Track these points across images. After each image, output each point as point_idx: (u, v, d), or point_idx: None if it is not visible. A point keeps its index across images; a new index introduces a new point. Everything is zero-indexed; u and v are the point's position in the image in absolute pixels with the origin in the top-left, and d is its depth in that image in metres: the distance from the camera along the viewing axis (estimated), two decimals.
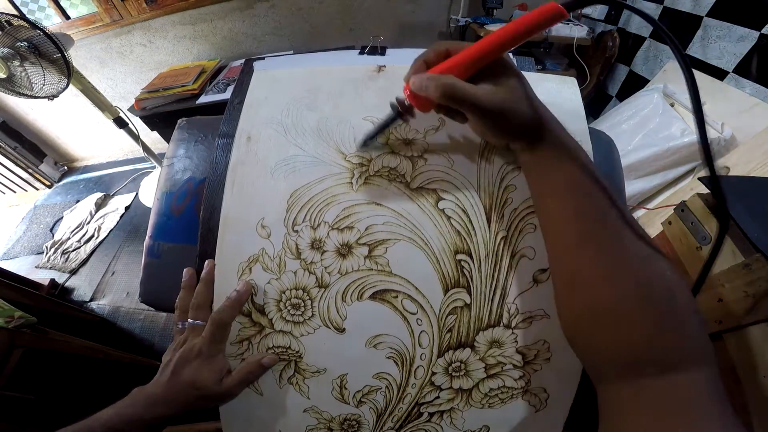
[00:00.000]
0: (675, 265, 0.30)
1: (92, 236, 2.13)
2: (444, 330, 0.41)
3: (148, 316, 1.69)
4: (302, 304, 0.42)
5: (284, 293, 0.43)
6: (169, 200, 0.55)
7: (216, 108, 1.74)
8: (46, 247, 2.10)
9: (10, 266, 1.89)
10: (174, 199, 0.55)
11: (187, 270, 0.46)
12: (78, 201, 2.44)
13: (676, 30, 1.60)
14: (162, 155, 0.58)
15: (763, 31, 1.25)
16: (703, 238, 0.65)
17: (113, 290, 1.85)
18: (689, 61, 0.28)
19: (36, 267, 2.03)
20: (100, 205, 2.36)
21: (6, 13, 1.36)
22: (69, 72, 1.48)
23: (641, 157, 1.35)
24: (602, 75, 2.03)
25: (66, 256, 2.04)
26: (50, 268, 2.00)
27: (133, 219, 2.24)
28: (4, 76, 1.39)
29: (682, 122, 1.35)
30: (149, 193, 2.32)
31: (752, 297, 0.55)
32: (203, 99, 1.84)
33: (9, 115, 2.50)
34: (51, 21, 2.04)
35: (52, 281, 1.88)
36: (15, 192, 2.71)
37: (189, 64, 2.15)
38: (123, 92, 2.37)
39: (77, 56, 2.01)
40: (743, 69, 1.33)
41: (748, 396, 0.57)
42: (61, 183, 2.78)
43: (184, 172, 0.56)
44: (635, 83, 1.88)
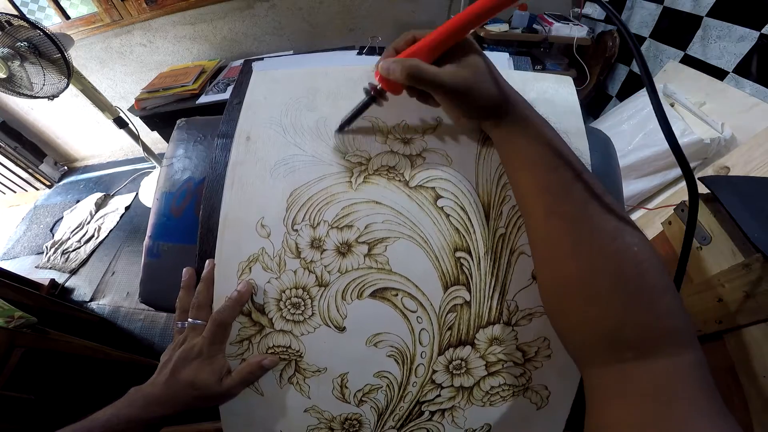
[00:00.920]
0: (647, 240, 0.29)
1: (92, 236, 2.13)
2: (444, 328, 0.41)
3: (148, 316, 1.69)
4: (302, 303, 0.42)
5: (284, 292, 0.43)
6: (168, 200, 0.55)
7: (216, 108, 1.74)
8: (46, 247, 2.10)
9: (10, 266, 1.89)
10: (173, 200, 0.55)
11: (187, 270, 0.46)
12: (78, 201, 2.44)
13: (676, 30, 1.60)
14: (162, 155, 0.58)
15: (763, 31, 1.25)
16: (703, 238, 0.65)
17: (113, 290, 1.85)
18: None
19: (36, 267, 2.03)
20: (100, 205, 2.37)
21: (6, 13, 1.36)
22: (69, 72, 1.48)
23: (641, 157, 1.36)
24: (602, 75, 2.03)
25: (66, 256, 2.04)
26: (50, 268, 2.00)
27: (133, 219, 2.24)
28: (4, 76, 1.39)
29: (682, 122, 1.36)
30: (149, 193, 2.32)
31: (752, 297, 0.55)
32: (203, 99, 1.85)
33: (9, 115, 2.50)
34: (51, 21, 2.04)
35: (52, 281, 1.88)
36: (15, 192, 2.71)
37: (189, 64, 2.15)
38: (123, 92, 2.37)
39: (77, 56, 2.01)
40: (743, 69, 1.34)
41: (748, 396, 0.57)
42: (61, 183, 2.78)
43: (183, 172, 0.56)
44: (635, 83, 1.89)
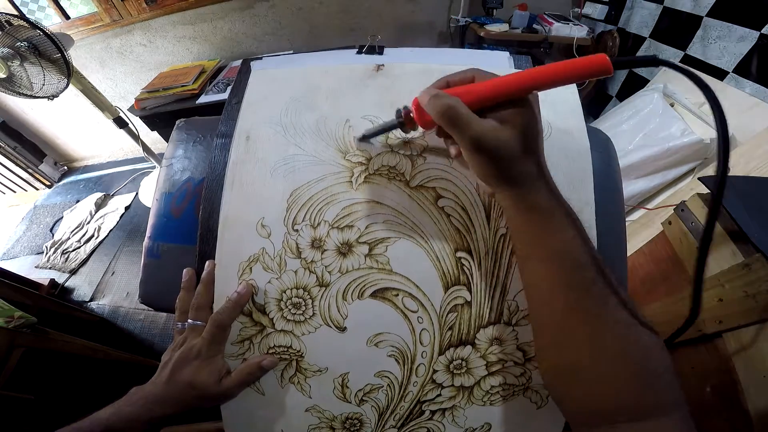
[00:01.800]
0: (654, 329, 0.31)
1: (92, 236, 2.13)
2: (445, 328, 0.41)
3: (148, 316, 1.69)
4: (303, 303, 0.43)
5: (285, 292, 0.43)
6: (168, 201, 0.55)
7: (216, 108, 1.74)
8: (46, 247, 2.10)
9: (10, 266, 1.89)
10: (173, 200, 0.55)
11: (187, 270, 0.46)
12: (78, 201, 2.44)
13: (676, 30, 1.60)
14: (162, 155, 0.58)
15: (763, 31, 1.25)
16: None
17: (113, 290, 1.85)
18: (682, 64, 0.28)
19: (36, 267, 2.03)
20: (100, 205, 2.36)
21: (6, 13, 1.36)
22: (69, 72, 1.48)
23: (641, 157, 1.36)
24: None
25: (66, 256, 2.04)
26: (50, 268, 2.00)
27: (133, 219, 2.24)
28: (4, 76, 1.39)
29: (682, 122, 1.36)
30: (149, 193, 2.32)
31: (752, 297, 0.55)
32: (203, 99, 1.84)
33: (9, 115, 2.50)
34: (51, 21, 2.04)
35: (52, 281, 1.88)
36: (15, 192, 2.71)
37: (189, 64, 2.15)
38: (123, 92, 2.37)
39: (77, 56, 2.00)
40: (743, 69, 1.34)
41: (748, 396, 0.57)
42: (61, 183, 2.78)
43: (183, 172, 0.56)
44: (635, 83, 1.89)
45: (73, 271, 1.97)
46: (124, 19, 2.01)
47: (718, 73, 1.42)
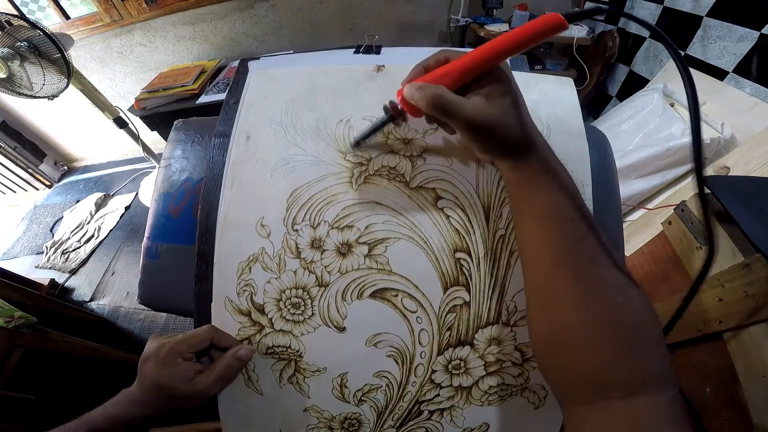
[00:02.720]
0: (645, 294, 0.31)
1: (92, 236, 2.13)
2: (444, 328, 0.41)
3: (148, 316, 1.69)
4: (302, 303, 0.43)
5: (284, 292, 0.43)
6: (166, 201, 0.55)
7: (216, 108, 1.73)
8: (46, 247, 2.10)
9: (10, 266, 1.89)
10: (172, 200, 0.55)
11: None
12: (78, 201, 2.44)
13: (676, 30, 1.60)
14: (162, 155, 0.58)
15: (763, 31, 1.25)
16: (703, 238, 0.65)
17: (113, 290, 1.85)
18: (686, 63, 0.28)
19: (36, 267, 2.03)
20: (100, 205, 2.37)
21: (6, 13, 1.36)
22: (69, 72, 1.48)
23: (641, 157, 1.35)
24: (602, 75, 2.03)
25: (66, 256, 2.04)
26: (50, 268, 2.00)
27: (133, 219, 2.24)
28: (4, 76, 1.39)
29: (682, 122, 1.36)
30: (149, 192, 2.32)
31: (752, 297, 0.55)
32: (203, 99, 1.85)
33: (9, 115, 2.50)
34: (51, 21, 2.04)
35: (52, 281, 1.88)
36: (15, 192, 2.71)
37: (189, 64, 2.15)
38: (123, 92, 2.37)
39: (77, 56, 2.01)
40: (743, 69, 1.34)
41: (748, 396, 0.57)
42: (61, 183, 2.78)
43: (181, 172, 0.56)
44: (635, 83, 1.89)
45: (73, 271, 1.97)
46: (124, 19, 2.01)
47: (718, 73, 1.42)
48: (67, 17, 2.04)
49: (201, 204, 0.47)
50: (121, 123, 1.86)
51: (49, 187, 2.76)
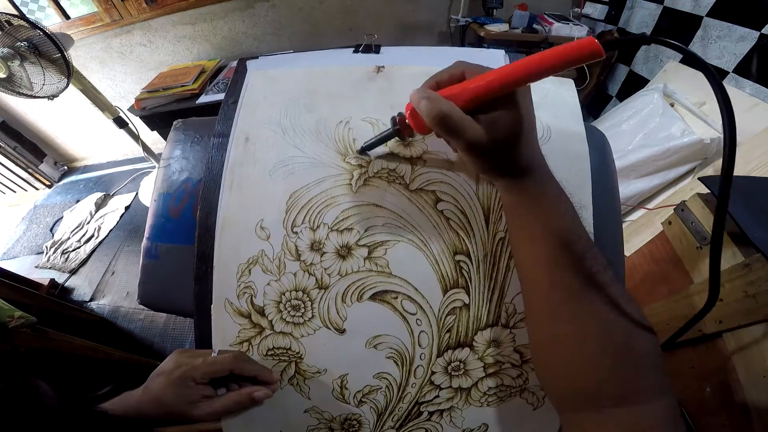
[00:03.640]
0: (640, 310, 0.31)
1: (92, 236, 2.13)
2: (443, 330, 0.41)
3: (147, 316, 1.69)
4: (302, 306, 0.43)
5: (284, 295, 0.43)
6: (166, 201, 0.55)
7: (216, 108, 1.71)
8: (46, 247, 2.10)
9: (10, 266, 1.89)
10: (171, 200, 0.55)
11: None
12: (78, 201, 2.43)
13: (676, 30, 1.60)
14: (161, 155, 0.58)
15: (763, 31, 1.25)
16: (703, 238, 0.65)
17: (113, 290, 1.85)
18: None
19: (36, 267, 2.03)
20: (100, 205, 2.36)
21: (6, 13, 1.36)
22: (69, 72, 1.48)
23: (641, 157, 1.35)
24: (602, 75, 2.03)
25: (66, 256, 2.04)
26: (50, 268, 2.00)
27: (133, 219, 2.24)
28: (4, 76, 1.39)
29: (682, 122, 1.35)
30: (149, 192, 2.32)
31: (752, 297, 0.55)
32: (203, 99, 1.84)
33: (9, 115, 2.50)
34: (51, 21, 2.04)
35: (52, 281, 1.88)
36: (15, 192, 2.71)
37: (189, 64, 2.15)
38: (123, 92, 2.37)
39: (77, 56, 2.00)
40: (743, 69, 1.34)
41: (748, 396, 0.57)
42: (61, 183, 2.78)
43: (180, 173, 0.56)
44: (635, 83, 1.88)
45: (73, 271, 1.97)
46: (124, 19, 2.01)
47: (718, 73, 1.41)
48: (67, 17, 2.04)
49: (200, 204, 0.47)
50: (121, 123, 1.86)
51: (49, 187, 2.75)
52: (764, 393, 0.55)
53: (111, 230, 2.17)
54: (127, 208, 2.31)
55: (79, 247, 2.08)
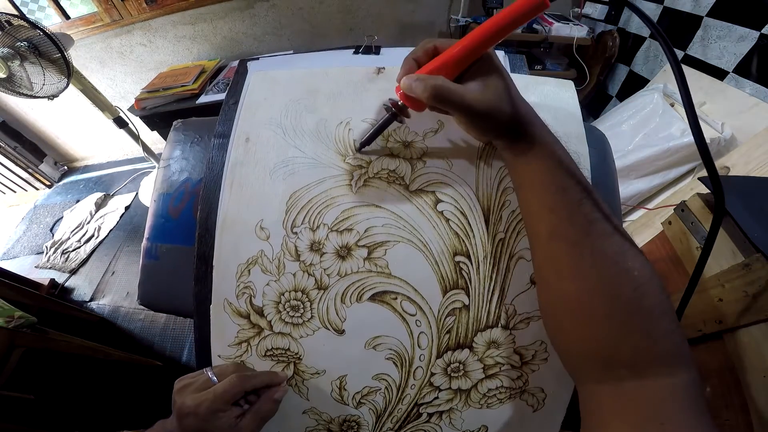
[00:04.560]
0: (649, 264, 0.30)
1: (92, 236, 2.13)
2: (443, 331, 0.41)
3: (147, 316, 1.69)
4: (301, 306, 0.43)
5: (283, 295, 0.43)
6: (166, 201, 0.55)
7: (216, 108, 1.72)
8: (46, 247, 2.10)
9: (10, 266, 1.89)
10: (171, 201, 0.55)
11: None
12: (78, 201, 2.44)
13: (676, 30, 1.60)
14: (161, 155, 0.58)
15: (763, 31, 1.24)
16: (703, 238, 0.65)
17: (113, 290, 1.85)
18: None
19: (36, 267, 2.03)
20: (100, 204, 2.37)
21: (6, 13, 1.36)
22: (69, 72, 1.48)
23: (641, 157, 1.35)
24: (602, 75, 2.03)
25: (66, 256, 2.04)
26: (50, 267, 2.00)
27: (133, 219, 2.24)
28: (4, 76, 1.39)
29: (682, 122, 1.35)
30: (149, 192, 2.32)
31: (752, 297, 0.55)
32: (203, 99, 1.84)
33: (9, 115, 2.50)
34: (51, 21, 2.04)
35: (52, 281, 1.88)
36: (15, 192, 2.71)
37: (189, 64, 2.15)
38: (123, 92, 2.37)
39: (77, 56, 2.01)
40: (743, 69, 1.33)
41: (748, 396, 0.57)
42: (61, 183, 2.78)
43: (180, 173, 0.56)
44: (635, 83, 1.88)
45: (73, 271, 1.97)
46: (124, 19, 2.01)
47: (718, 73, 1.42)
48: (67, 17, 2.04)
49: (200, 204, 0.47)
50: (121, 123, 1.86)
51: (49, 187, 2.76)
52: (764, 393, 0.54)
53: (111, 230, 2.17)
54: (127, 208, 2.31)
55: (79, 247, 2.08)
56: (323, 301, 0.42)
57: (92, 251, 2.06)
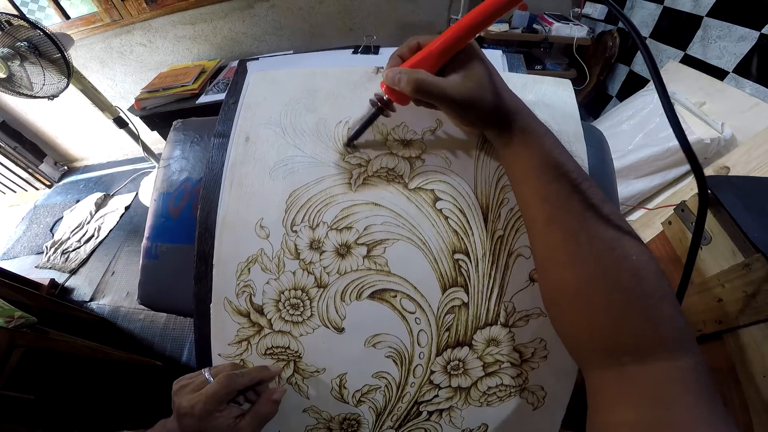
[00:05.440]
0: (647, 248, 0.30)
1: (92, 236, 2.13)
2: (442, 329, 0.41)
3: (148, 316, 1.69)
4: (301, 304, 0.43)
5: (283, 293, 0.43)
6: (166, 201, 0.55)
7: (216, 108, 1.72)
8: (46, 247, 2.10)
9: (10, 266, 1.89)
10: (171, 200, 0.55)
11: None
12: (78, 201, 2.44)
13: (676, 30, 1.60)
14: (161, 155, 0.58)
15: (763, 31, 1.25)
16: (703, 238, 0.65)
17: (113, 290, 1.85)
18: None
19: (36, 267, 2.03)
20: (100, 205, 2.37)
21: (6, 13, 1.36)
22: (69, 72, 1.48)
23: (641, 157, 1.36)
24: (602, 75, 2.03)
25: (66, 256, 2.04)
26: (50, 268, 2.00)
27: (133, 219, 2.24)
28: (4, 76, 1.39)
29: (682, 122, 1.35)
30: (149, 192, 2.32)
31: (752, 297, 0.55)
32: (203, 99, 1.85)
33: (9, 115, 2.50)
34: (51, 21, 2.04)
35: (52, 281, 1.88)
36: (15, 192, 2.71)
37: (189, 64, 2.15)
38: (123, 92, 2.37)
39: (77, 56, 2.01)
40: (743, 69, 1.33)
41: (748, 396, 0.57)
42: (61, 183, 2.78)
43: (180, 173, 0.56)
44: (635, 83, 1.88)
45: (73, 271, 1.97)
46: (124, 19, 2.01)
47: (718, 73, 1.42)
48: (67, 17, 2.04)
49: (200, 204, 0.47)
50: (121, 123, 1.86)
51: (49, 187, 2.76)
52: (764, 393, 0.54)
53: (111, 230, 2.17)
54: (127, 208, 2.31)
55: (79, 247, 2.08)
56: (323, 300, 0.42)
57: (92, 251, 2.06)
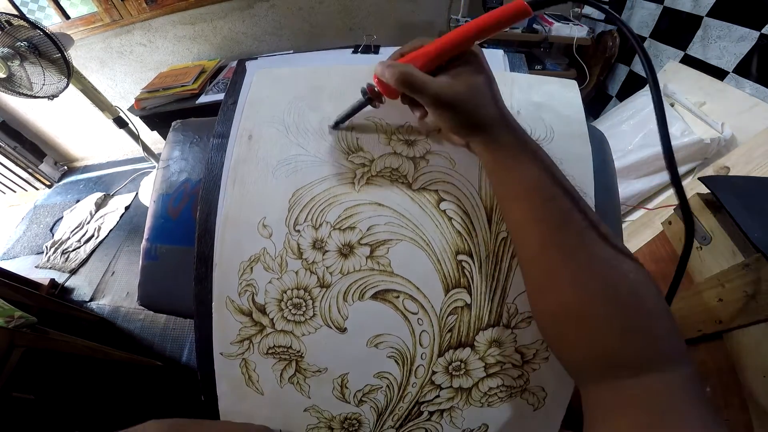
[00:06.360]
0: (643, 266, 0.30)
1: (92, 236, 2.13)
2: (445, 330, 0.41)
3: (147, 316, 1.69)
4: (304, 304, 0.43)
5: (285, 293, 0.43)
6: (165, 202, 0.55)
7: (216, 108, 1.72)
8: (46, 247, 2.10)
9: (10, 266, 1.89)
10: (170, 201, 0.55)
11: None
12: (78, 201, 2.44)
13: (676, 30, 1.60)
14: (161, 156, 0.58)
15: (763, 31, 1.25)
16: (703, 238, 0.65)
17: (113, 290, 1.85)
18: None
19: (36, 267, 2.03)
20: (100, 204, 2.36)
21: (6, 13, 1.36)
22: (69, 72, 1.48)
23: (641, 157, 1.36)
24: (602, 75, 2.03)
25: (66, 256, 2.04)
26: (50, 268, 2.00)
27: (133, 219, 2.24)
28: (4, 76, 1.39)
29: (682, 122, 1.36)
30: (149, 192, 2.31)
31: (752, 297, 0.55)
32: (203, 99, 1.85)
33: (9, 115, 2.50)
34: (51, 21, 2.04)
35: (52, 281, 1.88)
36: (15, 192, 2.71)
37: (189, 64, 2.15)
38: (123, 92, 2.37)
39: (77, 56, 2.01)
40: (743, 69, 1.34)
41: (748, 396, 0.57)
42: (61, 183, 2.78)
43: (180, 173, 0.56)
44: (635, 83, 1.89)
45: (73, 271, 1.97)
46: (124, 19, 2.01)
47: (718, 73, 1.42)
48: (67, 17, 2.04)
49: (200, 205, 0.47)
50: (121, 123, 1.86)
51: (49, 187, 2.75)
52: (764, 393, 0.55)
53: (111, 230, 2.17)
54: (127, 208, 2.31)
55: (79, 247, 2.08)
56: (325, 299, 0.42)
57: (92, 251, 2.06)
